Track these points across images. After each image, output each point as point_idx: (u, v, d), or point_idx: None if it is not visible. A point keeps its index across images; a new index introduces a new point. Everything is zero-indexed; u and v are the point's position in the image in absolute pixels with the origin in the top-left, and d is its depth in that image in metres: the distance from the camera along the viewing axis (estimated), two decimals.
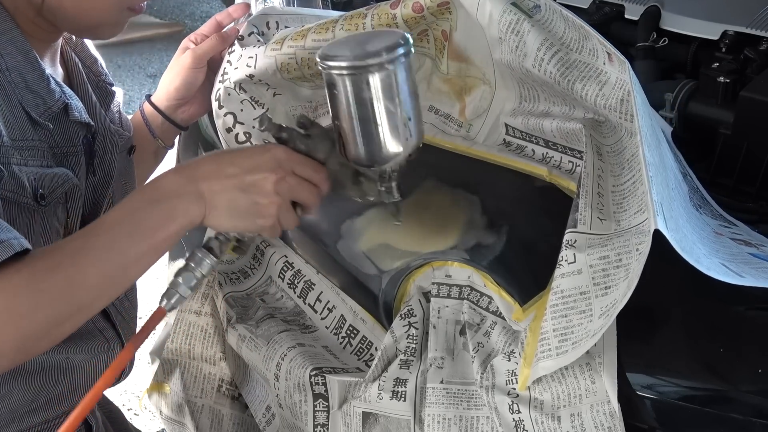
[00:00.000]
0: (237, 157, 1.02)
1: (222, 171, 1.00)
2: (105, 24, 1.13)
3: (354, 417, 1.26)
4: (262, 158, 1.01)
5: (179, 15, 4.97)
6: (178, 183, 0.99)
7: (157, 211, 0.97)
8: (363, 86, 1.00)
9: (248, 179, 1.00)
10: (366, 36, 1.08)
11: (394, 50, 0.99)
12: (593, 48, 1.08)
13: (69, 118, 1.09)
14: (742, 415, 1.10)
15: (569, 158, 1.19)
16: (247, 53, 1.30)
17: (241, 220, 1.02)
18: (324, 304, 1.38)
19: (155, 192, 0.99)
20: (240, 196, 1.00)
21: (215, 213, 0.99)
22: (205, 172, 1.00)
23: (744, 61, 1.38)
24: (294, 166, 1.02)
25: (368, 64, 0.99)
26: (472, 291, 1.23)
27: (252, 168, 1.00)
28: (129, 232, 0.96)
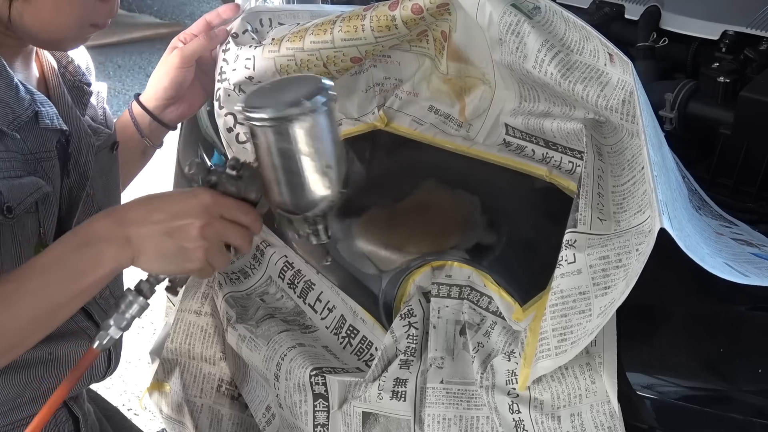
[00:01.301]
0: (165, 203, 1.03)
1: (150, 217, 1.01)
2: (67, 39, 1.13)
3: (354, 417, 1.26)
4: (188, 204, 1.02)
5: (179, 15, 4.96)
6: (107, 227, 1.01)
7: (86, 255, 1.00)
8: (284, 137, 0.99)
9: (174, 225, 1.01)
10: (286, 83, 1.08)
11: (314, 99, 0.99)
12: (594, 49, 1.08)
13: (39, 126, 1.09)
14: (742, 415, 1.10)
15: (569, 158, 1.19)
16: (244, 54, 1.30)
17: (169, 264, 1.04)
18: (324, 304, 1.38)
19: (85, 236, 1.01)
20: (167, 242, 1.01)
21: (144, 257, 1.01)
22: (134, 217, 1.02)
23: (744, 61, 1.38)
24: (221, 210, 1.03)
25: (288, 114, 0.98)
26: (472, 291, 1.23)
27: (178, 214, 1.01)
28: (59, 277, 1.00)
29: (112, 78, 4.15)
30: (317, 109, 0.99)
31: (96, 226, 1.01)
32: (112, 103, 3.93)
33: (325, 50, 1.23)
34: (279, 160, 1.01)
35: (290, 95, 1.01)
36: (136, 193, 1.21)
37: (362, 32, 1.20)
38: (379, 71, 1.33)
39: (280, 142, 1.00)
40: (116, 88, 4.07)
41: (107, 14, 1.13)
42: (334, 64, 1.25)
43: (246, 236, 1.06)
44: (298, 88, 1.02)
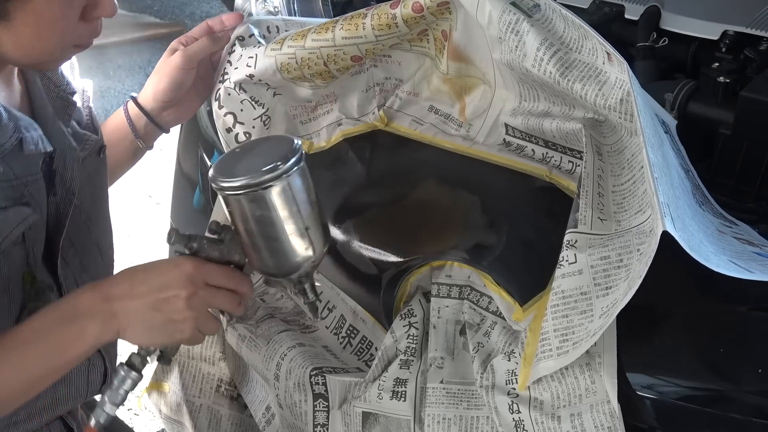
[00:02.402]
0: (148, 275, 1.02)
1: (134, 290, 1.00)
2: (49, 62, 1.10)
3: (354, 417, 1.26)
4: (171, 275, 1.01)
5: (179, 15, 4.96)
6: (91, 302, 1.00)
7: (69, 331, 0.99)
8: (259, 204, 0.98)
9: (159, 297, 1.00)
10: (255, 146, 1.06)
11: (286, 162, 0.97)
12: (593, 47, 1.08)
13: (24, 153, 1.06)
14: (742, 415, 1.10)
15: (569, 158, 1.19)
16: (248, 53, 1.30)
17: (158, 336, 1.03)
18: (324, 304, 1.38)
19: (68, 310, 1.00)
20: (154, 315, 1.01)
21: (131, 331, 1.01)
22: (118, 291, 1.01)
23: (744, 61, 1.38)
24: (205, 277, 1.02)
25: (261, 181, 0.97)
26: (472, 291, 1.23)
27: (162, 286, 1.01)
28: (39, 352, 0.99)
29: (112, 78, 4.15)
30: (291, 173, 0.98)
31: (80, 301, 1.01)
32: (113, 103, 3.93)
33: (326, 48, 1.23)
34: (256, 227, 1.00)
35: (261, 160, 0.99)
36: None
37: (363, 30, 1.20)
38: (380, 71, 1.33)
39: (256, 210, 0.99)
40: (116, 88, 4.07)
41: (91, 34, 1.10)
42: (335, 62, 1.25)
43: (233, 300, 1.05)
44: (268, 152, 1.00)
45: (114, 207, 1.34)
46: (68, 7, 1.01)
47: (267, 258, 1.03)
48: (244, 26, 1.34)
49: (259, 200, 0.98)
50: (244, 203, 0.99)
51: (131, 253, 2.89)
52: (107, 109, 3.84)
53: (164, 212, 2.50)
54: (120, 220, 3.06)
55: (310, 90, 1.32)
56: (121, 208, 3.10)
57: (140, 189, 3.21)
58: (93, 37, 1.10)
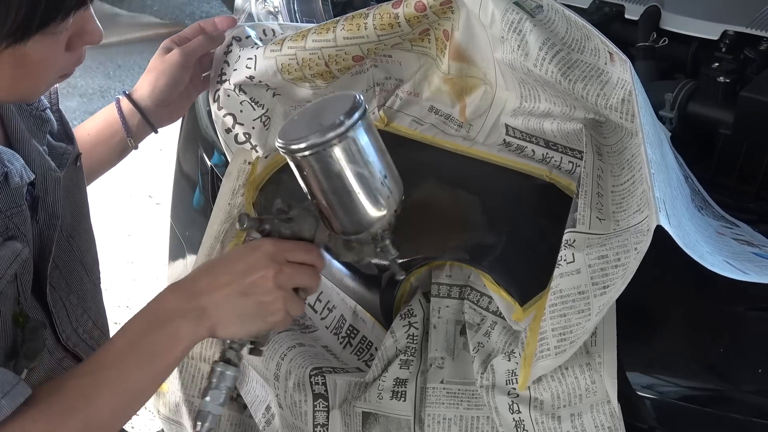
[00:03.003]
0: (229, 263, 1.01)
1: (218, 281, 0.99)
2: (33, 96, 1.06)
3: (354, 417, 1.26)
4: (253, 257, 1.00)
5: (179, 15, 4.96)
6: (178, 302, 0.99)
7: (162, 335, 0.97)
8: (329, 161, 0.98)
9: (247, 282, 0.99)
10: (318, 107, 1.06)
11: (350, 116, 0.97)
12: (595, 48, 1.08)
13: (10, 187, 1.01)
14: (742, 415, 1.10)
15: (569, 158, 1.19)
16: (246, 54, 1.30)
17: (252, 324, 1.02)
18: (324, 304, 1.38)
19: (157, 315, 0.98)
20: (244, 302, 0.99)
21: (224, 324, 1.00)
22: (203, 286, 0.99)
23: (744, 61, 1.38)
24: (286, 254, 1.02)
25: (328, 138, 0.97)
26: (472, 291, 1.23)
27: (247, 270, 1.00)
28: (137, 362, 0.97)
29: (112, 78, 4.15)
30: (354, 125, 0.98)
31: (165, 303, 0.99)
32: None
33: (327, 49, 1.23)
34: (330, 185, 1.00)
35: (324, 118, 0.99)
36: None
37: (365, 30, 1.20)
38: (380, 71, 1.33)
39: (327, 167, 0.98)
40: (116, 88, 4.07)
41: (75, 63, 1.04)
42: (336, 62, 1.25)
43: (314, 275, 1.05)
44: (330, 110, 1.01)
45: (114, 207, 1.33)
46: (55, 44, 0.96)
47: (345, 217, 1.02)
48: (239, 28, 1.34)
49: (329, 158, 0.98)
50: (315, 164, 0.99)
51: (131, 253, 2.89)
52: None
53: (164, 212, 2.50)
54: (120, 220, 3.07)
55: (310, 90, 1.32)
56: (121, 208, 3.10)
57: (140, 189, 3.21)
58: (77, 65, 1.06)
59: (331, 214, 1.03)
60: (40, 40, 0.92)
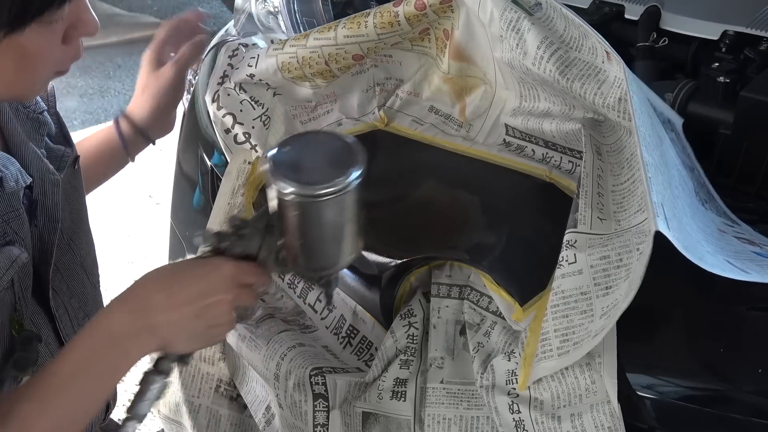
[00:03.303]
0: (186, 281, 0.98)
1: (173, 300, 0.97)
2: (30, 93, 1.04)
3: (354, 417, 1.25)
4: (212, 279, 0.98)
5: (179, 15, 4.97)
6: (128, 321, 0.96)
7: (112, 357, 0.96)
8: (315, 212, 0.96)
9: (204, 304, 0.97)
10: (314, 142, 1.02)
11: (350, 176, 0.94)
12: (592, 46, 1.08)
13: (5, 191, 0.99)
14: (742, 415, 1.10)
15: (569, 158, 1.19)
16: (250, 54, 1.31)
17: (198, 343, 1.01)
18: (324, 304, 1.37)
19: (106, 335, 0.96)
20: (197, 323, 0.98)
21: (173, 342, 0.98)
22: (156, 303, 0.96)
23: (744, 61, 1.38)
24: (242, 277, 1.00)
25: (323, 194, 0.94)
26: (472, 291, 1.23)
27: (205, 293, 0.97)
28: (85, 386, 0.96)
29: (112, 78, 4.15)
30: (358, 181, 0.95)
31: (115, 322, 0.96)
32: (113, 103, 3.93)
33: (328, 47, 1.23)
34: (321, 231, 0.98)
35: (325, 164, 0.96)
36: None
37: (365, 29, 1.20)
38: (380, 71, 1.33)
39: (318, 216, 0.96)
40: (116, 88, 4.07)
41: (72, 58, 1.02)
42: (336, 61, 1.25)
43: (255, 296, 1.04)
44: (332, 154, 0.97)
45: (114, 207, 1.32)
46: (51, 34, 0.95)
47: (313, 259, 1.01)
48: (248, 36, 1.35)
49: (315, 209, 0.96)
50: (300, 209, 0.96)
51: (131, 253, 2.89)
52: (107, 109, 3.84)
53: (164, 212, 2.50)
54: (120, 220, 3.06)
55: (310, 90, 1.32)
56: (121, 208, 3.10)
57: (140, 189, 3.21)
58: (74, 61, 1.03)
59: (299, 254, 1.01)
60: (36, 29, 0.91)
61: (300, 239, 0.99)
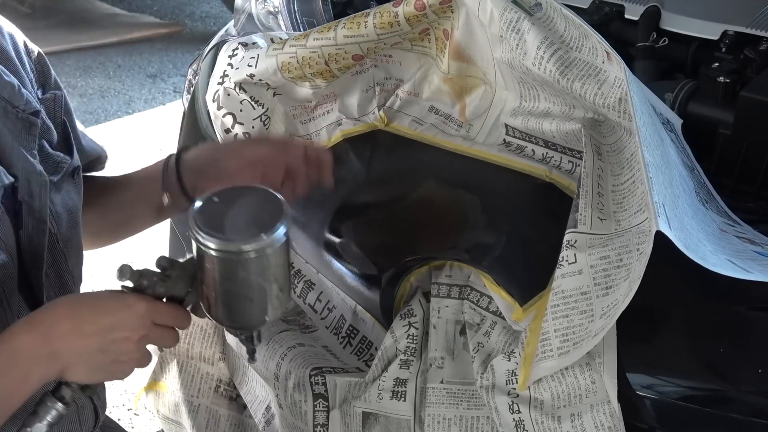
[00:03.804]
0: (95, 314, 0.96)
1: (80, 330, 0.95)
2: None
3: (354, 417, 1.25)
4: (122, 315, 0.96)
5: (179, 15, 4.96)
6: (32, 345, 0.94)
7: (12, 379, 0.94)
8: (243, 266, 0.93)
9: (109, 339, 0.96)
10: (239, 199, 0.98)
11: (277, 230, 0.92)
12: (593, 46, 1.08)
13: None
14: (742, 415, 1.10)
15: (569, 158, 1.19)
16: (249, 54, 1.31)
17: (99, 376, 0.99)
18: (324, 304, 1.37)
19: (8, 356, 0.94)
20: (100, 357, 0.96)
21: (73, 371, 0.96)
22: (62, 330, 0.95)
23: (744, 61, 1.38)
24: (154, 317, 0.98)
25: (243, 251, 0.92)
26: (472, 291, 1.23)
27: (112, 327, 0.96)
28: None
29: (112, 78, 4.15)
30: (281, 241, 0.93)
31: (18, 343, 0.94)
32: (113, 102, 3.93)
33: (327, 47, 1.23)
34: (232, 287, 0.96)
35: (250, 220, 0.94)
36: None
37: (365, 29, 1.20)
38: (380, 71, 1.33)
39: (239, 272, 0.94)
40: (116, 88, 4.07)
41: None
42: (336, 61, 1.25)
43: (175, 337, 1.02)
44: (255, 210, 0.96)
45: None
46: None
47: (231, 314, 0.99)
48: (248, 35, 1.34)
49: (244, 263, 0.93)
50: (225, 264, 0.94)
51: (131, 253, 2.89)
52: (107, 110, 3.84)
53: None
54: None
55: (310, 90, 1.32)
56: None
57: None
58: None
59: (217, 307, 0.99)
60: None
61: (217, 293, 0.97)
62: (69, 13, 4.71)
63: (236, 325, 1.01)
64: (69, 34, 4.43)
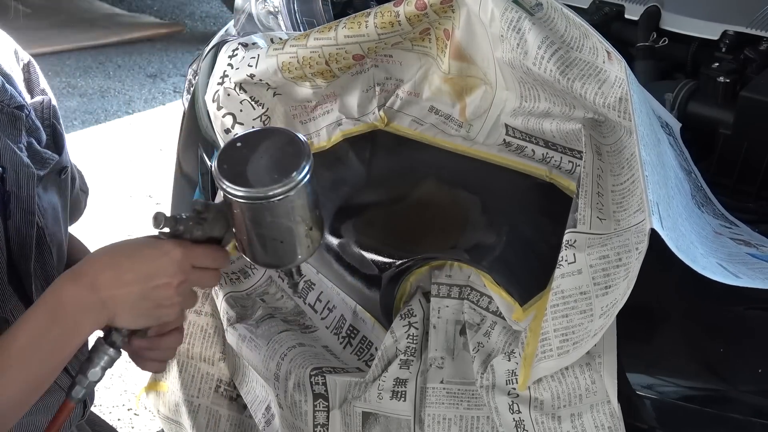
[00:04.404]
0: (135, 262, 0.99)
1: (122, 279, 0.98)
2: None
3: (354, 417, 1.25)
4: (160, 263, 0.99)
5: (179, 15, 4.96)
6: (78, 295, 0.97)
7: (64, 328, 0.97)
8: (269, 211, 0.96)
9: (149, 286, 0.99)
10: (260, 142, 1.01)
11: (301, 172, 0.94)
12: (593, 46, 1.08)
13: None
14: (742, 415, 1.10)
15: (569, 158, 1.19)
16: (250, 54, 1.31)
17: (145, 321, 1.02)
18: (324, 304, 1.38)
19: (57, 308, 0.97)
20: (143, 303, 0.99)
21: (121, 317, 1.00)
22: (105, 280, 0.98)
23: (744, 61, 1.38)
24: (193, 261, 1.01)
25: (277, 193, 0.94)
26: (472, 291, 1.23)
27: (152, 275, 0.99)
28: (40, 357, 0.97)
29: (112, 78, 4.15)
30: (305, 180, 0.95)
31: (66, 295, 0.98)
32: (113, 102, 3.93)
33: (328, 47, 1.23)
34: (263, 231, 0.99)
35: (270, 164, 0.96)
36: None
37: (365, 29, 1.20)
38: (381, 71, 1.33)
39: (266, 216, 0.97)
40: (116, 88, 4.07)
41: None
42: (336, 61, 1.25)
43: (216, 277, 1.05)
44: (276, 154, 0.97)
45: (114, 207, 1.31)
46: None
47: (266, 255, 1.03)
48: (248, 35, 1.34)
49: (271, 209, 0.96)
50: (255, 210, 0.97)
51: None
52: (107, 110, 3.84)
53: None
54: (120, 220, 3.06)
55: (310, 90, 1.32)
56: (121, 208, 3.10)
57: (140, 189, 3.21)
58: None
59: (251, 250, 1.02)
60: None
61: (248, 236, 1.00)
62: (69, 13, 4.71)
63: (271, 263, 1.05)
64: (69, 34, 4.44)
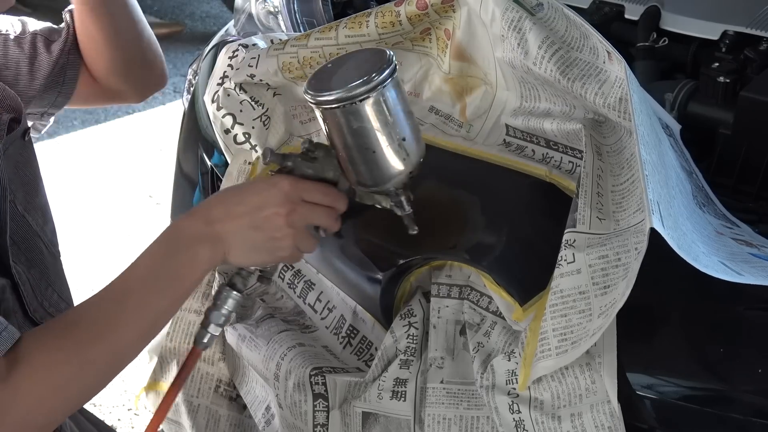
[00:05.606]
0: (245, 195, 1.03)
1: (232, 211, 1.01)
2: None
3: (354, 417, 1.25)
4: (269, 193, 1.02)
5: (179, 15, 4.96)
6: (195, 228, 1.00)
7: (182, 259, 1.00)
8: (355, 116, 0.99)
9: (260, 216, 1.01)
10: (347, 60, 1.06)
11: (381, 73, 0.98)
12: (593, 46, 1.08)
13: None
14: (742, 415, 1.10)
15: (569, 158, 1.19)
16: (250, 54, 1.31)
17: (259, 256, 1.04)
18: (324, 304, 1.37)
19: (175, 240, 1.00)
20: (255, 234, 1.01)
21: (234, 252, 1.01)
22: (217, 214, 1.01)
23: (744, 61, 1.38)
24: (302, 194, 1.03)
25: (358, 94, 0.98)
26: (472, 291, 1.23)
27: (261, 205, 1.01)
28: (159, 287, 0.99)
29: None
30: (386, 84, 0.98)
31: (183, 228, 1.01)
32: None
33: (329, 47, 1.23)
34: (353, 140, 1.01)
35: (356, 72, 1.00)
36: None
37: (366, 28, 1.20)
38: None
39: (353, 122, 0.99)
40: None
41: None
42: None
43: (331, 215, 1.06)
44: (362, 64, 1.01)
45: (114, 207, 1.32)
46: None
47: (363, 171, 1.04)
48: (249, 37, 1.34)
49: (355, 113, 0.99)
50: (340, 116, 1.00)
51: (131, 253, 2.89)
52: (107, 109, 3.84)
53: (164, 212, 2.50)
54: (120, 220, 3.06)
55: None
56: (121, 208, 3.10)
57: (140, 189, 3.21)
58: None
59: (348, 166, 1.04)
60: None
61: (345, 153, 1.02)
62: None
63: (372, 182, 1.05)
64: None
